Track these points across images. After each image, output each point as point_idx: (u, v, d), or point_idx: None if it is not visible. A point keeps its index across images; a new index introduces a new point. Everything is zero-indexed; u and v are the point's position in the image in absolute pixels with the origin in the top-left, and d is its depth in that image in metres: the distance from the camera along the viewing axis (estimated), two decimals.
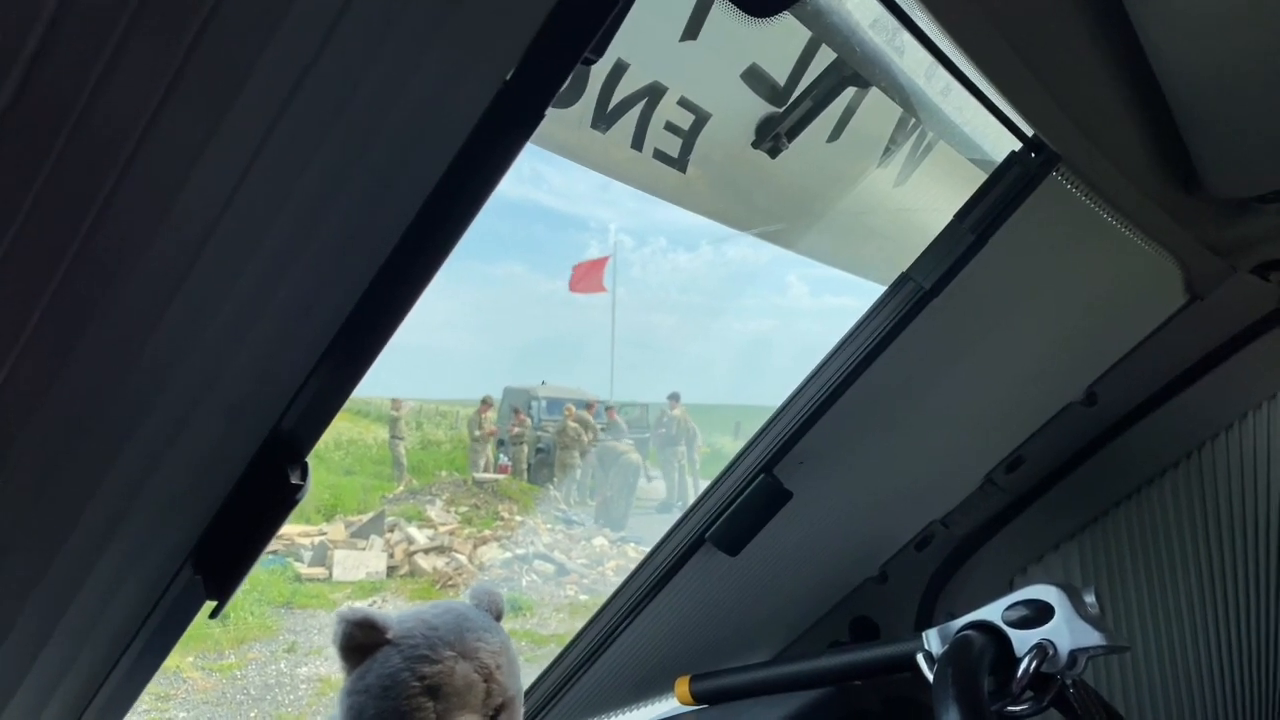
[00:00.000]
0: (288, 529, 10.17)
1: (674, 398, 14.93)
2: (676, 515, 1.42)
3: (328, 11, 0.53)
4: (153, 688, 6.56)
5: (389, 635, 0.95)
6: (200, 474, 0.79)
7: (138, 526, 0.79)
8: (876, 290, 1.22)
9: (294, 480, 0.79)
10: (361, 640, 0.95)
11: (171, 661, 6.97)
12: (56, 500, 0.73)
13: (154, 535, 0.82)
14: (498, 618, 1.06)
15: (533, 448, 15.32)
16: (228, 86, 0.54)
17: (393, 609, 1.04)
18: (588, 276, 19.73)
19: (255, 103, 0.56)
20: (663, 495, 13.78)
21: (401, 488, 13.54)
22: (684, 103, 1.19)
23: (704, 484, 1.63)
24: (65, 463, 0.71)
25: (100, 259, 0.58)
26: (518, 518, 12.03)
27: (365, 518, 10.88)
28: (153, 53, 0.51)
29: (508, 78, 0.63)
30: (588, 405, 15.00)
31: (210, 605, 0.89)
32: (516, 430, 15.10)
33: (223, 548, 0.84)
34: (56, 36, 0.47)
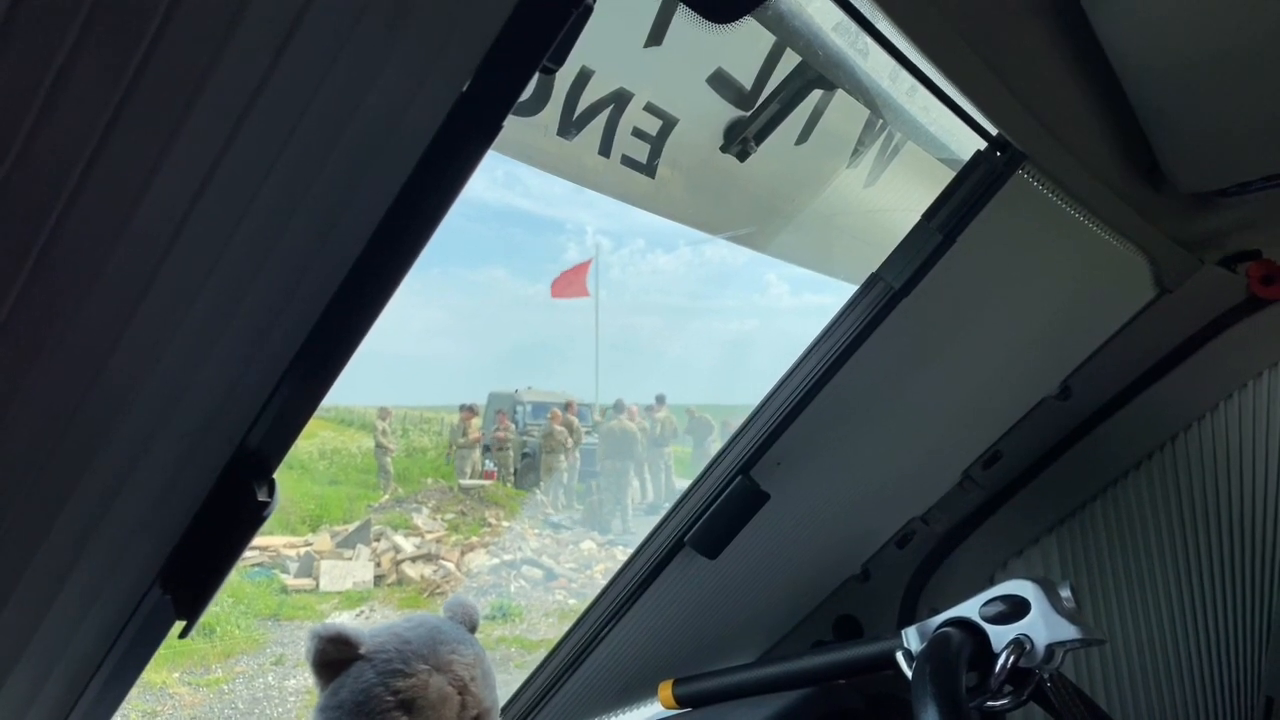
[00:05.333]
0: (273, 540, 10.10)
1: (660, 400, 14.95)
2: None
3: (279, 25, 0.53)
4: (139, 704, 6.50)
5: (362, 650, 0.95)
6: (166, 493, 0.78)
7: (105, 547, 0.79)
8: (854, 289, 1.22)
9: (261, 497, 0.79)
10: (334, 655, 0.94)
11: (158, 677, 6.90)
12: (22, 522, 0.72)
13: (121, 555, 0.81)
14: (472, 629, 1.06)
15: (518, 452, 15.27)
16: (180, 103, 0.54)
17: (380, 618, 1.03)
18: (570, 282, 19.71)
19: (210, 118, 0.55)
20: (650, 497, 13.77)
21: (387, 496, 13.47)
22: (650, 108, 1.19)
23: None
24: (29, 484, 0.70)
25: (57, 275, 0.58)
26: (505, 523, 11.99)
27: (351, 527, 10.81)
28: (103, 67, 0.50)
29: (464, 88, 0.63)
30: (567, 406, 14.95)
31: (180, 625, 0.88)
32: (501, 435, 15.06)
33: (191, 567, 0.83)
34: (6, 48, 0.47)
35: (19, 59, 0.48)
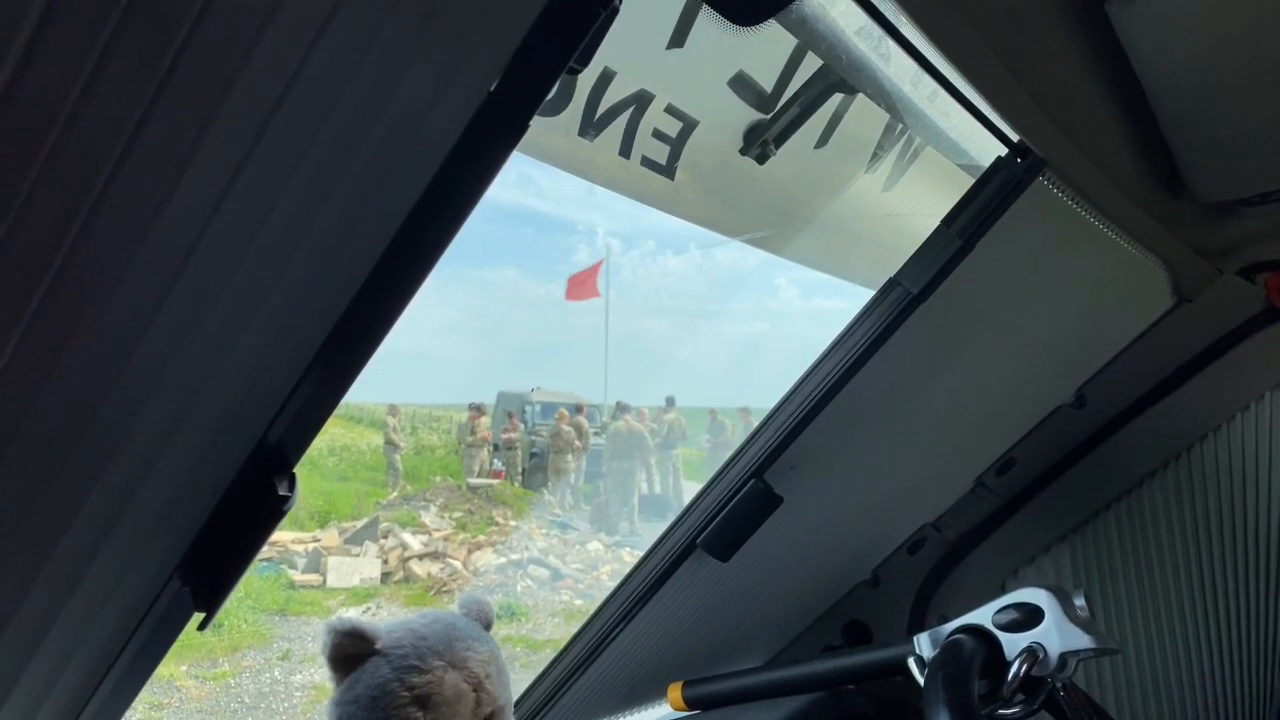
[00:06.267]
0: (281, 536, 10.12)
1: (669, 402, 14.97)
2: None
3: (310, 24, 0.53)
4: (146, 697, 6.53)
5: (378, 645, 0.95)
6: (187, 485, 0.79)
7: (126, 538, 0.79)
8: (867, 293, 1.22)
9: (281, 491, 0.79)
10: (350, 650, 0.95)
11: (165, 670, 6.93)
12: (44, 512, 0.73)
13: (142, 547, 0.82)
14: (487, 627, 1.06)
15: (526, 452, 15.29)
16: (211, 101, 0.54)
17: (387, 615, 1.03)
18: (582, 284, 19.76)
19: (240, 115, 0.56)
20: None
21: (395, 493, 13.50)
22: (671, 110, 1.19)
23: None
24: (52, 475, 0.70)
25: (85, 271, 0.58)
26: (512, 523, 12.00)
27: (359, 524, 10.84)
28: (136, 66, 0.51)
29: (492, 88, 0.64)
30: (579, 409, 14.97)
31: (199, 617, 0.89)
32: (509, 435, 15.08)
33: (211, 559, 0.84)
34: (41, 45, 0.47)
35: (56, 51, 0.48)
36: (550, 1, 0.60)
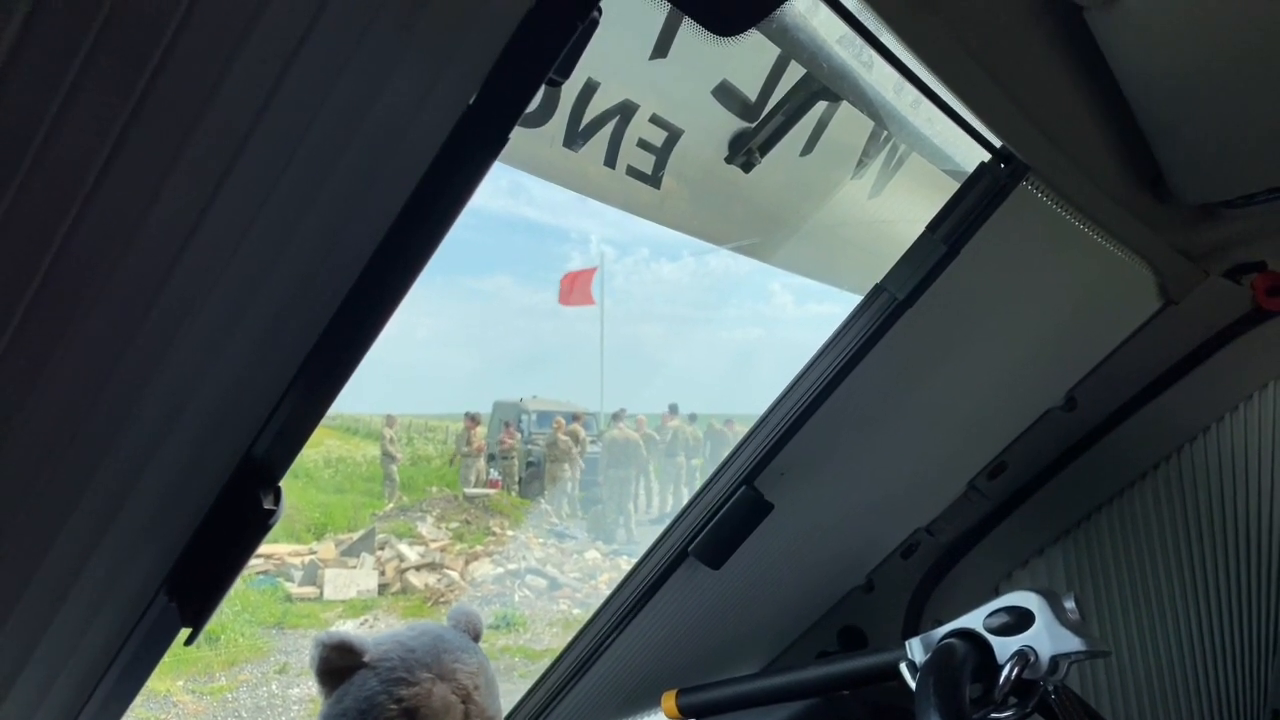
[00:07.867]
0: (278, 549, 10.10)
1: (672, 409, 14.97)
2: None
3: (287, 41, 0.54)
4: (141, 713, 6.49)
5: (366, 658, 0.95)
6: (172, 501, 0.79)
7: (111, 554, 0.79)
8: (858, 299, 1.23)
9: (267, 505, 0.79)
10: (338, 663, 0.95)
11: (161, 685, 6.90)
12: (29, 529, 0.73)
13: (128, 563, 0.82)
14: (476, 638, 1.06)
15: (523, 461, 15.26)
16: (191, 113, 0.54)
17: (384, 627, 1.03)
18: (576, 289, 19.73)
19: (219, 128, 0.56)
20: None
21: (392, 505, 13.46)
22: (656, 120, 1.20)
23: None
24: (36, 492, 0.70)
25: (66, 285, 0.58)
26: (509, 532, 11.97)
27: (356, 536, 10.81)
28: (116, 80, 0.51)
29: (471, 100, 0.64)
30: (575, 417, 14.94)
31: (186, 632, 0.88)
32: (506, 444, 15.06)
33: (197, 574, 0.84)
34: (24, 48, 0.48)
35: (38, 59, 0.48)
36: (528, 13, 0.61)
